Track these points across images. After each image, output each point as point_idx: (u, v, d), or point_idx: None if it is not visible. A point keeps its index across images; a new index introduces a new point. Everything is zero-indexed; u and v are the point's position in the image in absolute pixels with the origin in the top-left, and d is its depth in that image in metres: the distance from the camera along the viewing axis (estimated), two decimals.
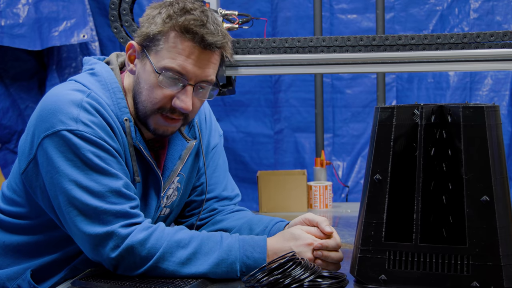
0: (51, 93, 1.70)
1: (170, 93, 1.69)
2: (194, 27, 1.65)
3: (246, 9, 4.18)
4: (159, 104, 1.70)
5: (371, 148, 1.62)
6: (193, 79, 1.69)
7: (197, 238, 1.66)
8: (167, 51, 1.67)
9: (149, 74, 1.69)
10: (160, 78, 1.67)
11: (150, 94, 1.70)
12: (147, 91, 1.70)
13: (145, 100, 1.71)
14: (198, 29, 1.65)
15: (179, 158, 1.85)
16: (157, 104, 1.70)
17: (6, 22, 3.91)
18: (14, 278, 1.79)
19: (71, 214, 1.63)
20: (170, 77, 1.67)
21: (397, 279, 1.57)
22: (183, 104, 1.68)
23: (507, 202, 1.55)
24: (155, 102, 1.70)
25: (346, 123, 4.42)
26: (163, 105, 1.70)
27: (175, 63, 1.66)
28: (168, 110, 1.70)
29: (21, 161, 1.73)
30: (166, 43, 1.67)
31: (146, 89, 1.70)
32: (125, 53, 1.76)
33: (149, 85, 1.69)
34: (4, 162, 4.16)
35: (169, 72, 1.67)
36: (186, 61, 1.66)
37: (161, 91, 1.68)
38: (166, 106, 1.70)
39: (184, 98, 1.68)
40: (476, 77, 4.27)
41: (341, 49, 2.56)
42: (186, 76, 1.67)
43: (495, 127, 1.55)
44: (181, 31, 1.65)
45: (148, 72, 1.70)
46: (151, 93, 1.69)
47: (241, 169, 4.44)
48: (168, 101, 1.69)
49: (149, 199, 1.80)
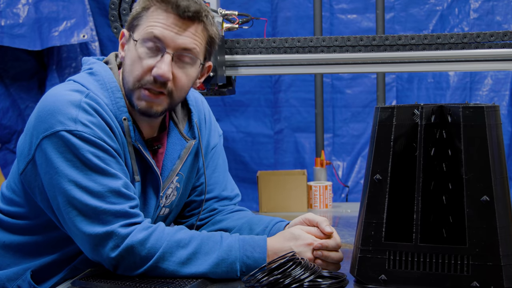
0: (50, 93, 1.70)
1: (150, 64, 1.69)
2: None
3: (246, 9, 4.17)
4: (139, 76, 1.70)
5: (371, 148, 1.62)
6: (171, 46, 1.69)
7: (197, 238, 1.66)
8: (145, 24, 1.70)
9: (131, 50, 1.72)
10: (139, 49, 1.69)
11: (132, 68, 1.71)
12: (129, 67, 1.72)
13: (127, 75, 1.72)
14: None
15: (178, 157, 1.85)
16: (138, 76, 1.70)
17: (6, 22, 3.91)
18: (14, 278, 1.79)
19: (70, 215, 1.63)
20: (148, 47, 1.69)
21: (397, 279, 1.57)
22: (160, 70, 1.67)
23: (507, 202, 1.55)
24: (135, 75, 1.70)
25: (346, 123, 4.42)
26: (143, 76, 1.70)
27: (151, 29, 1.69)
28: (149, 82, 1.70)
29: (20, 161, 1.73)
30: (146, 19, 1.70)
31: (129, 65, 1.72)
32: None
33: (131, 60, 1.71)
34: (4, 162, 4.16)
35: (146, 41, 1.69)
36: (162, 26, 1.68)
37: (141, 63, 1.70)
38: (146, 77, 1.69)
39: (160, 65, 1.68)
40: (476, 77, 4.27)
41: (341, 49, 2.56)
42: (162, 41, 1.68)
43: (495, 127, 1.55)
44: (159, 2, 1.69)
45: (131, 49, 1.72)
46: (133, 67, 1.71)
47: (241, 169, 4.44)
48: (149, 71, 1.69)
49: (148, 199, 1.80)
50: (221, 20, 2.58)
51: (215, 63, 2.48)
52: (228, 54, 2.62)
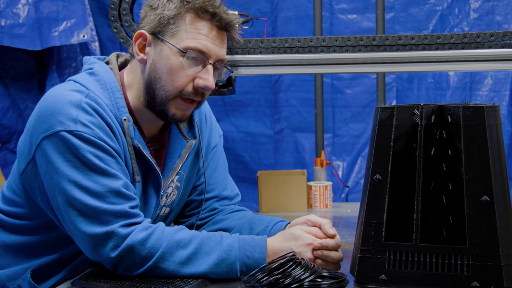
0: (50, 93, 1.70)
1: (192, 74, 1.71)
2: (211, 8, 1.71)
3: (246, 9, 4.17)
4: (182, 87, 1.71)
5: (371, 148, 1.62)
6: (213, 57, 1.73)
7: (197, 238, 1.66)
8: (185, 32, 1.70)
9: (168, 57, 1.71)
10: (180, 58, 1.70)
11: (172, 78, 1.71)
12: (167, 75, 1.71)
13: (166, 84, 1.71)
14: (215, 9, 1.71)
15: (178, 156, 1.85)
16: (180, 86, 1.71)
17: (6, 22, 3.91)
18: (14, 278, 1.79)
19: (70, 215, 1.63)
20: (193, 57, 1.70)
21: (397, 279, 1.57)
22: (207, 82, 1.71)
23: (507, 202, 1.55)
24: (178, 85, 1.71)
25: (346, 123, 4.42)
26: (186, 86, 1.72)
27: (197, 42, 1.70)
28: (190, 93, 1.72)
29: (20, 162, 1.73)
30: (183, 25, 1.71)
31: (166, 73, 1.71)
32: (133, 43, 1.76)
33: (170, 69, 1.71)
34: (4, 162, 4.16)
35: (192, 51, 1.70)
36: (206, 39, 1.71)
37: (184, 73, 1.71)
38: (188, 88, 1.72)
39: (207, 76, 1.71)
40: (476, 77, 4.27)
41: (341, 49, 2.56)
42: (207, 54, 1.71)
43: (495, 127, 1.55)
44: (198, 12, 1.70)
45: (167, 55, 1.71)
46: (173, 76, 1.71)
47: (241, 169, 4.43)
48: (190, 82, 1.72)
49: (148, 198, 1.80)
50: None
51: None
52: (228, 54, 2.62)
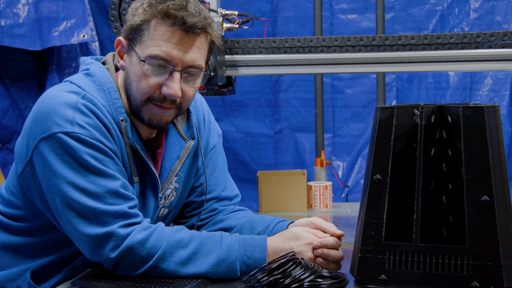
0: (46, 95, 1.70)
1: (158, 81, 1.68)
2: (174, 11, 1.64)
3: (246, 9, 4.18)
4: (148, 94, 1.69)
5: (371, 148, 1.62)
6: (179, 64, 1.67)
7: (197, 238, 1.66)
8: (150, 40, 1.67)
9: (135, 65, 1.69)
10: (145, 67, 1.67)
11: (138, 85, 1.69)
12: (135, 83, 1.70)
13: (135, 91, 1.70)
14: (178, 12, 1.64)
15: (177, 158, 1.84)
16: (146, 94, 1.69)
17: (6, 22, 3.91)
18: (14, 279, 1.79)
19: (69, 216, 1.62)
20: (156, 64, 1.67)
21: (397, 279, 1.57)
22: (171, 90, 1.67)
23: (507, 202, 1.55)
24: (143, 92, 1.69)
25: (346, 123, 4.42)
26: (152, 94, 1.69)
27: (158, 50, 1.66)
28: (158, 99, 1.69)
29: (17, 163, 1.73)
30: (149, 32, 1.67)
31: (135, 81, 1.70)
32: (115, 50, 1.76)
33: (137, 76, 1.69)
34: (4, 162, 4.16)
35: (154, 60, 1.66)
36: (169, 46, 1.66)
37: (148, 80, 1.68)
38: (155, 94, 1.69)
39: (171, 84, 1.67)
40: (476, 77, 4.27)
41: (341, 49, 2.56)
42: (171, 61, 1.67)
43: (495, 127, 1.55)
44: (162, 17, 1.65)
45: (135, 63, 1.70)
46: (139, 83, 1.69)
47: (241, 169, 4.43)
48: (157, 89, 1.69)
49: (147, 200, 1.80)
50: (221, 20, 2.58)
51: (215, 63, 2.48)
52: (228, 54, 2.62)
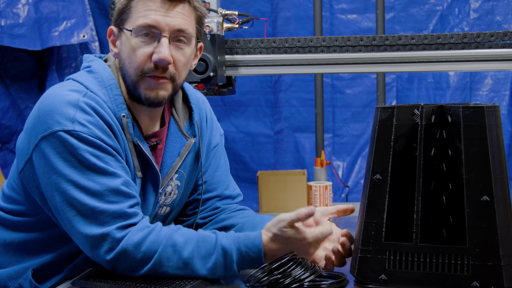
0: (48, 93, 1.70)
1: (148, 52, 1.70)
2: None
3: (246, 9, 4.18)
4: (140, 67, 1.71)
5: (371, 148, 1.62)
6: (166, 29, 1.70)
7: (192, 240, 1.64)
8: (136, 14, 1.71)
9: (125, 43, 1.72)
10: (134, 40, 1.70)
11: (130, 60, 1.71)
12: (127, 59, 1.72)
13: (128, 68, 1.72)
14: None
15: (178, 155, 1.85)
16: (139, 67, 1.71)
17: (6, 22, 3.91)
18: (15, 277, 1.79)
19: (68, 214, 1.63)
20: (143, 33, 1.70)
21: (397, 279, 1.57)
22: (161, 54, 1.68)
23: (507, 202, 1.55)
24: (136, 66, 1.71)
25: (346, 123, 4.42)
26: (144, 64, 1.70)
27: (146, 18, 1.69)
28: (150, 69, 1.71)
29: (19, 160, 1.74)
30: (134, 8, 1.71)
31: (127, 57, 1.72)
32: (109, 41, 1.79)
33: (128, 53, 1.72)
34: (4, 162, 4.16)
35: (141, 29, 1.69)
36: (154, 13, 1.69)
37: (139, 52, 1.70)
38: (147, 65, 1.70)
39: (159, 49, 1.69)
40: (476, 77, 4.27)
41: (341, 49, 2.56)
42: (157, 27, 1.69)
43: (495, 127, 1.55)
44: None
45: (125, 41, 1.72)
46: (131, 58, 1.71)
47: (241, 169, 4.43)
48: (148, 59, 1.70)
49: (147, 195, 1.80)
50: (221, 20, 2.58)
51: (215, 63, 2.48)
52: (228, 54, 2.62)
